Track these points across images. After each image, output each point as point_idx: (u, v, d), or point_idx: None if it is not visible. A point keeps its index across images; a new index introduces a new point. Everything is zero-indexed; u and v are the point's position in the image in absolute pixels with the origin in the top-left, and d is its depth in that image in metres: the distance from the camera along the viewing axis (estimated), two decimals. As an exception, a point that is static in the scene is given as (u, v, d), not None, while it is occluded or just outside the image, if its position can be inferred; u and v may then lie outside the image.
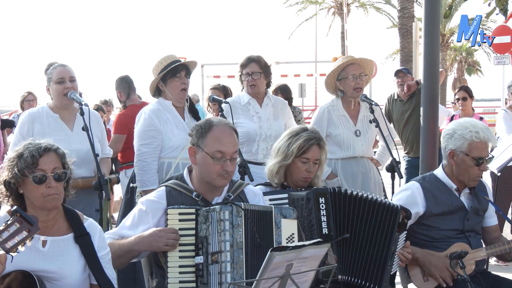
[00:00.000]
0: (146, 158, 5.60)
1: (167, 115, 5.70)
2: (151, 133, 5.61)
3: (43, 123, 5.64)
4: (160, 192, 3.94)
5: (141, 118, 5.73)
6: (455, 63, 48.92)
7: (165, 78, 5.70)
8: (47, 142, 3.50)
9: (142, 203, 3.94)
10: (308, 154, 4.43)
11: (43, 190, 3.40)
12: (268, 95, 6.34)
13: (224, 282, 3.59)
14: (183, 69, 5.75)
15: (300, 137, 4.47)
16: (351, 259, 4.24)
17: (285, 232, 3.84)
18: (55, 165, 3.46)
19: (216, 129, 3.86)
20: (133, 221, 3.91)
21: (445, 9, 23.00)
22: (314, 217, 4.18)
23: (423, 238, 4.61)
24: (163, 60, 5.76)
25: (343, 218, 4.26)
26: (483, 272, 4.71)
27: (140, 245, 3.74)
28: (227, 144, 3.83)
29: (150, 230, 3.74)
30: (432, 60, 7.26)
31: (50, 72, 5.69)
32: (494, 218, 4.84)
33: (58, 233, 3.54)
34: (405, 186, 4.81)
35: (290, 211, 3.92)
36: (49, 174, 3.42)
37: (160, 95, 5.80)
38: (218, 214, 3.68)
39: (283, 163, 4.45)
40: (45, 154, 3.43)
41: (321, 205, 4.20)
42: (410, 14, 25.95)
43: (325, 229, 4.16)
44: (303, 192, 4.28)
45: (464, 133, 4.51)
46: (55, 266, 3.47)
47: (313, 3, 44.87)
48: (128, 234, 3.85)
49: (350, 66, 6.28)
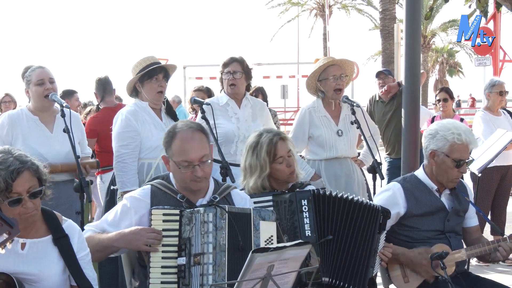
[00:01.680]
0: (125, 159, 5.59)
1: (145, 116, 5.71)
2: (129, 134, 5.62)
3: (23, 126, 5.61)
4: (145, 190, 3.94)
5: (118, 119, 5.74)
6: (436, 65, 49.23)
7: (142, 79, 5.71)
8: (19, 158, 3.38)
9: (126, 199, 3.94)
10: (279, 153, 4.43)
11: (19, 210, 3.35)
12: (247, 97, 6.34)
13: (205, 284, 3.59)
14: (162, 72, 5.76)
15: (262, 144, 4.47)
16: (333, 261, 4.23)
17: (263, 235, 3.83)
18: (30, 184, 3.38)
19: (179, 137, 3.84)
20: (115, 216, 3.91)
21: (426, 10, 23.05)
22: (296, 219, 4.17)
23: (404, 239, 4.62)
24: (142, 61, 5.76)
25: (326, 220, 4.25)
26: (464, 273, 4.73)
27: (120, 242, 3.74)
28: (191, 152, 3.80)
29: (132, 228, 3.73)
30: (413, 61, 7.28)
31: (29, 74, 5.65)
32: (475, 219, 4.87)
33: (36, 235, 3.51)
34: (386, 186, 4.82)
35: (269, 213, 3.91)
36: (24, 195, 3.35)
37: (137, 95, 5.81)
38: (202, 216, 3.69)
39: (263, 175, 4.45)
40: (18, 177, 3.32)
41: (304, 207, 4.18)
42: (391, 15, 26.03)
43: (307, 231, 4.16)
44: (287, 194, 4.27)
45: (446, 134, 4.53)
46: (34, 269, 3.44)
47: (295, 5, 45.00)
48: (109, 229, 3.85)
49: (331, 67, 6.30)
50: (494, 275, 7.14)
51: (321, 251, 4.18)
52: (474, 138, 4.65)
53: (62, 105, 5.36)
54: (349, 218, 4.28)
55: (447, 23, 44.29)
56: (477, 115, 8.69)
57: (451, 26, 44.40)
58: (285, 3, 45.19)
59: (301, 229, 4.14)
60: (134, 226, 3.78)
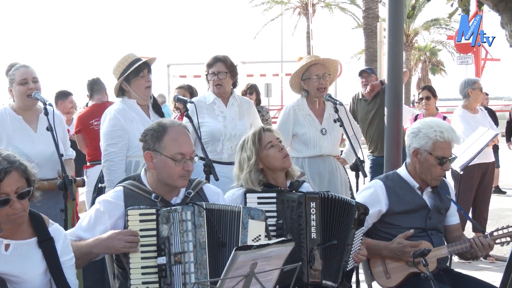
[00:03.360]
0: (113, 157, 5.56)
1: (133, 114, 5.68)
2: (117, 132, 5.58)
3: (6, 125, 5.59)
4: (117, 193, 3.90)
5: (106, 118, 5.69)
6: (419, 63, 49.43)
7: (128, 78, 5.67)
8: (7, 158, 3.35)
9: (99, 203, 3.91)
10: (266, 139, 4.47)
11: (7, 210, 3.33)
12: (234, 95, 6.32)
13: (188, 283, 3.59)
14: (146, 67, 5.73)
15: (248, 138, 4.53)
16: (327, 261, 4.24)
17: (251, 233, 3.83)
18: (18, 184, 3.35)
19: (172, 131, 3.85)
20: (89, 221, 3.88)
21: (409, 9, 23.13)
22: (304, 221, 4.15)
23: (385, 236, 4.63)
24: (123, 60, 5.73)
25: (329, 223, 4.25)
26: (446, 270, 4.76)
27: (98, 248, 3.73)
28: (185, 145, 3.85)
29: (108, 233, 3.72)
30: (396, 60, 7.30)
31: (13, 73, 5.63)
32: (456, 217, 4.89)
33: (21, 237, 3.49)
34: (368, 184, 4.83)
35: (259, 213, 3.90)
36: (12, 196, 3.33)
37: (124, 94, 5.77)
38: (180, 214, 3.68)
39: (251, 163, 4.45)
40: (6, 177, 3.30)
41: (312, 210, 4.17)
42: (374, 14, 26.14)
43: (313, 233, 4.15)
44: (295, 195, 4.25)
45: (429, 132, 4.54)
46: (16, 270, 3.43)
47: (278, 3, 44.99)
48: (85, 236, 3.82)
49: (314, 66, 6.33)
50: (475, 272, 7.18)
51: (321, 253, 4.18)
52: (457, 135, 4.67)
53: (45, 103, 5.34)
54: (344, 219, 4.29)
55: (429, 21, 44.52)
56: (455, 114, 8.70)
57: (433, 25, 44.65)
58: (269, 1, 45.19)
59: (308, 231, 4.13)
60: (109, 230, 3.77)
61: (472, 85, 8.59)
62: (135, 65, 5.65)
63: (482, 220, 8.55)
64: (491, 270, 7.91)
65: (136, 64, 5.66)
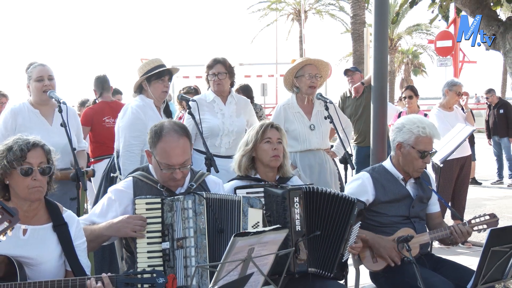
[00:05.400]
0: (134, 149, 5.61)
1: (150, 112, 5.74)
2: (138, 126, 5.62)
3: (24, 118, 5.66)
4: (127, 182, 3.92)
5: (127, 111, 5.74)
6: (402, 65, 49.41)
7: (149, 79, 5.74)
8: (35, 138, 3.50)
9: (110, 192, 3.94)
10: (268, 134, 4.44)
11: (29, 182, 3.40)
12: (232, 94, 6.34)
13: (189, 266, 3.60)
14: (167, 74, 5.82)
15: (255, 126, 4.54)
16: (312, 250, 4.21)
17: (251, 220, 3.83)
18: (41, 159, 3.45)
19: (164, 140, 3.81)
20: (102, 208, 3.90)
21: (393, 15, 23.12)
22: (288, 215, 4.11)
23: (373, 224, 4.62)
24: (150, 62, 5.82)
25: (314, 215, 4.21)
26: (427, 254, 4.75)
27: (109, 231, 3.73)
28: (175, 157, 3.78)
29: (119, 217, 3.73)
30: (381, 62, 7.31)
31: (30, 70, 5.70)
32: (437, 206, 4.89)
33: (38, 223, 3.53)
34: (356, 176, 4.82)
35: (257, 201, 3.90)
36: (35, 167, 3.42)
37: (141, 92, 5.83)
38: (182, 203, 3.70)
39: (246, 149, 4.46)
40: (32, 149, 3.43)
41: (295, 204, 4.11)
42: (361, 20, 26.08)
43: (298, 226, 4.11)
44: (279, 191, 4.18)
45: (412, 127, 4.54)
46: (33, 253, 3.44)
47: (273, 10, 44.98)
48: (98, 221, 3.83)
49: (308, 66, 6.35)
50: (454, 256, 7.18)
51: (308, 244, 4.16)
52: (437, 131, 4.68)
53: (59, 102, 5.39)
54: (330, 210, 4.25)
55: (411, 27, 44.56)
56: (432, 113, 8.74)
57: (415, 30, 44.69)
58: (265, 8, 45.21)
59: (292, 224, 4.08)
60: (120, 215, 3.77)
61: (450, 87, 8.61)
62: (160, 69, 5.74)
63: (460, 209, 8.57)
64: (468, 254, 7.92)
65: (160, 69, 5.74)
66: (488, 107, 15.22)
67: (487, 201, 12.10)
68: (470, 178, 11.22)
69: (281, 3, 44.90)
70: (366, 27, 21.29)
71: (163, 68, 5.76)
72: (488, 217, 4.54)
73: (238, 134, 6.06)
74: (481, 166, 15.70)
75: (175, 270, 3.59)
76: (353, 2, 25.99)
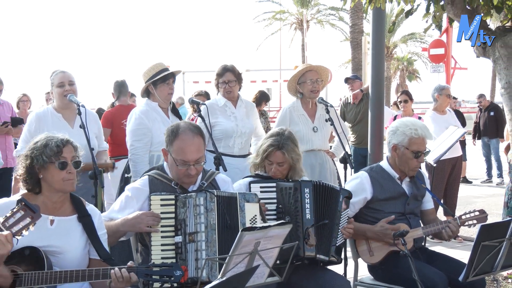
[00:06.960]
0: (139, 152, 5.64)
1: (155, 115, 5.76)
2: (141, 130, 5.66)
3: (47, 122, 5.72)
4: (143, 180, 3.95)
5: (132, 118, 5.79)
6: (397, 71, 49.23)
7: (155, 82, 5.76)
8: (64, 136, 3.60)
9: (128, 190, 3.96)
10: (271, 158, 4.40)
11: (64, 175, 3.48)
12: (240, 98, 6.35)
13: (200, 258, 3.60)
14: (172, 77, 5.83)
15: (268, 141, 4.44)
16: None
17: (248, 214, 3.84)
18: (73, 154, 3.55)
19: (180, 138, 3.85)
20: (120, 205, 3.92)
21: (389, 25, 23.07)
22: (299, 205, 4.17)
23: (370, 220, 4.63)
24: (154, 66, 5.82)
25: (322, 205, 4.26)
26: (421, 248, 4.76)
27: (125, 226, 3.75)
28: (190, 154, 3.81)
29: (134, 213, 3.75)
30: (378, 68, 7.34)
31: (53, 78, 5.78)
32: (431, 203, 4.88)
33: (64, 214, 3.58)
34: (355, 175, 4.82)
35: (252, 196, 3.91)
36: (70, 161, 3.50)
37: (148, 96, 5.86)
38: (194, 200, 3.70)
39: (257, 160, 4.47)
40: (67, 145, 3.53)
41: (306, 194, 4.19)
42: (360, 29, 26.01)
43: (308, 214, 4.17)
44: (291, 183, 4.26)
45: (405, 130, 4.55)
46: (59, 242, 3.48)
47: (277, 20, 44.89)
48: (116, 217, 3.85)
49: (309, 72, 6.37)
50: (446, 250, 7.17)
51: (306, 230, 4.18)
52: (429, 132, 4.68)
53: (79, 105, 5.44)
54: (329, 201, 4.30)
55: (406, 36, 44.43)
56: (426, 116, 8.72)
57: (410, 39, 44.56)
58: (269, 18, 45.08)
59: (303, 213, 4.15)
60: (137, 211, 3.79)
61: (439, 91, 8.61)
62: (164, 73, 5.76)
63: (452, 206, 8.56)
64: (459, 248, 7.91)
65: (165, 73, 5.76)
66: (480, 110, 15.23)
67: (477, 198, 12.08)
68: (461, 177, 11.20)
69: (284, 14, 44.85)
70: (364, 36, 21.23)
71: (167, 72, 5.78)
72: (477, 213, 4.54)
73: (249, 135, 6.20)
74: (472, 166, 15.67)
75: (186, 262, 3.60)
76: (352, 13, 25.91)
